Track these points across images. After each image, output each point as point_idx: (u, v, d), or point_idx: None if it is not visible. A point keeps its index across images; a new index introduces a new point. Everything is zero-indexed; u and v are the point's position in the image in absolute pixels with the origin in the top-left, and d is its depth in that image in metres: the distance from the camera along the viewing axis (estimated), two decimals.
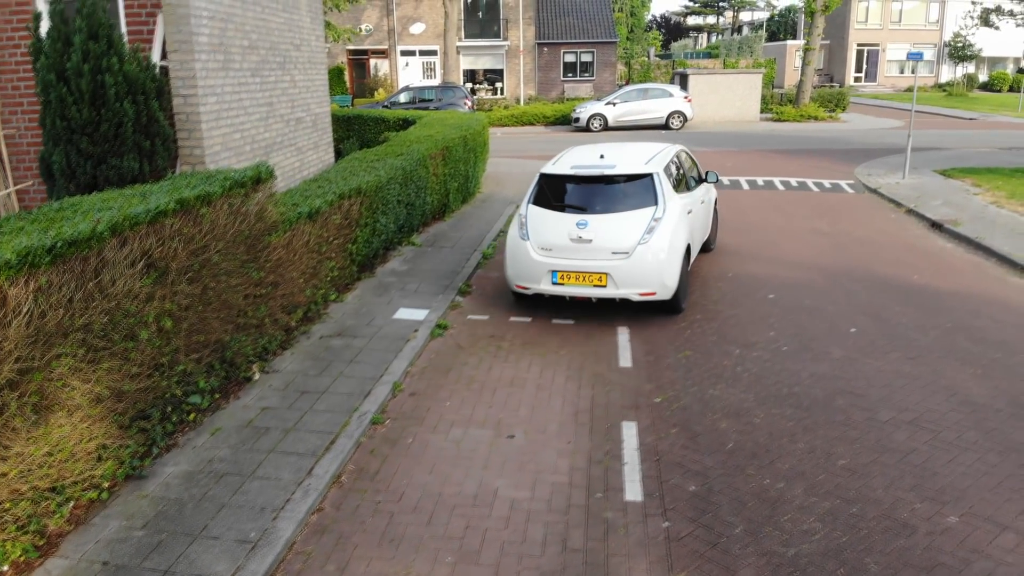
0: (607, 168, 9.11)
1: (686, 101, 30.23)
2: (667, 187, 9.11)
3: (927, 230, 13.94)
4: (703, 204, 10.74)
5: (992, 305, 9.48)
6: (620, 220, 8.70)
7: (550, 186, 9.33)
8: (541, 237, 8.91)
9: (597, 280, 8.67)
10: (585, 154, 9.96)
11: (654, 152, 9.96)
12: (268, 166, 7.22)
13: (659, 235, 8.62)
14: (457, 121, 16.69)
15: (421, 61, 41.29)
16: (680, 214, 9.08)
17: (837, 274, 10.81)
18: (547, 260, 8.80)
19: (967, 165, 20.22)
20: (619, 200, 8.92)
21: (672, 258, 8.69)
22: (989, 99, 47.69)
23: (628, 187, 8.99)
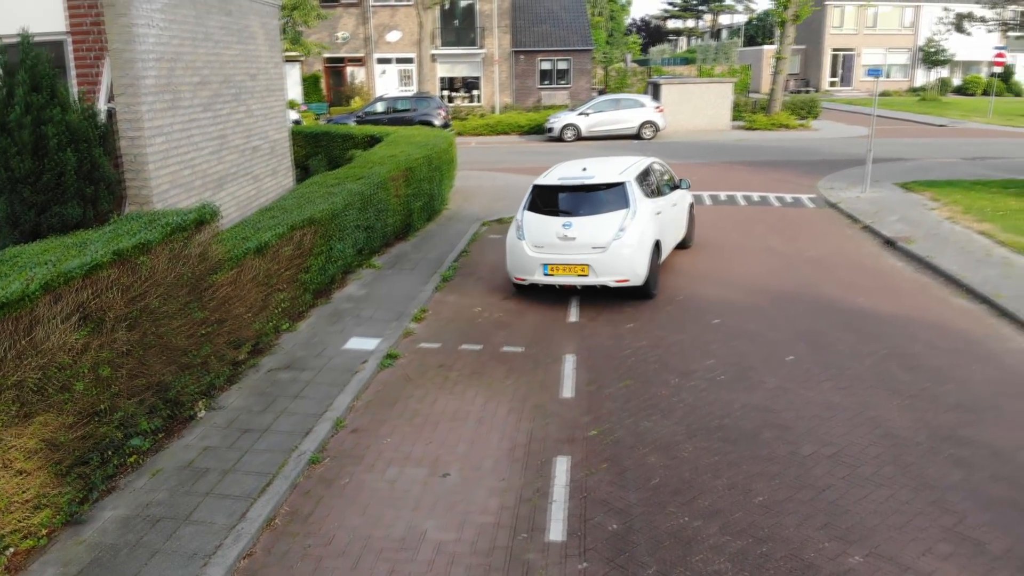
0: (587, 179, 10.97)
1: (658, 111, 30.51)
2: (638, 193, 10.85)
3: (880, 247, 14.23)
4: (675, 207, 12.47)
5: (931, 329, 9.76)
6: (598, 221, 10.52)
7: (541, 195, 11.11)
8: (534, 237, 10.71)
9: (580, 271, 10.49)
10: (570, 167, 11.77)
11: (628, 164, 11.72)
12: (212, 207, 7.37)
13: (630, 233, 10.42)
14: (424, 139, 16.86)
15: (398, 69, 41.40)
16: (649, 216, 10.86)
17: (784, 297, 11.07)
18: (539, 255, 10.64)
19: (928, 177, 20.59)
20: (597, 205, 10.72)
21: (641, 251, 10.48)
22: (962, 104, 48.30)
23: (605, 194, 10.79)
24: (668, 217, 11.90)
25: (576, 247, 10.45)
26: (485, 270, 12.82)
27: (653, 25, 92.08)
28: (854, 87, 57.34)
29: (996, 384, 8.07)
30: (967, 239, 14.28)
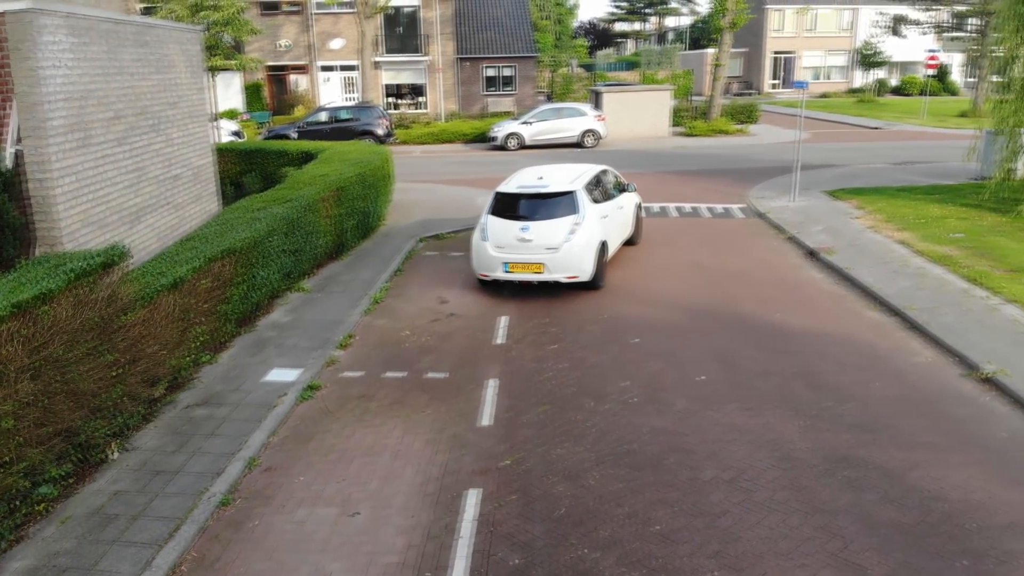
0: (543, 187, 12.42)
1: (599, 120, 30.87)
2: (586, 200, 12.33)
3: (803, 258, 14.66)
4: (621, 209, 13.98)
5: (840, 345, 10.12)
6: (551, 225, 12.00)
7: (503, 201, 12.51)
8: (496, 238, 12.14)
9: (536, 268, 11.95)
10: (528, 176, 13.20)
11: (579, 173, 13.22)
12: (120, 248, 7.36)
13: (579, 235, 11.92)
14: (358, 156, 16.87)
15: (341, 76, 41.17)
16: (596, 219, 12.38)
17: (702, 314, 11.36)
18: (500, 255, 12.07)
19: (856, 184, 21.21)
20: (551, 210, 12.17)
21: (589, 251, 12.01)
22: (898, 104, 49.63)
23: (557, 201, 12.24)
24: (614, 219, 13.42)
25: (532, 248, 11.93)
26: (417, 290, 12.91)
27: (600, 28, 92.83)
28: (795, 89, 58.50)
29: (896, 402, 8.43)
30: (886, 249, 14.78)
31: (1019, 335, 10.21)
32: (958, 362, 9.63)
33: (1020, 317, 10.87)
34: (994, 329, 10.44)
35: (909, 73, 58.81)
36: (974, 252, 14.27)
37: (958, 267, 13.28)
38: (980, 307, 11.34)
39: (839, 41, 58.36)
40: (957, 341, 10.08)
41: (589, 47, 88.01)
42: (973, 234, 15.65)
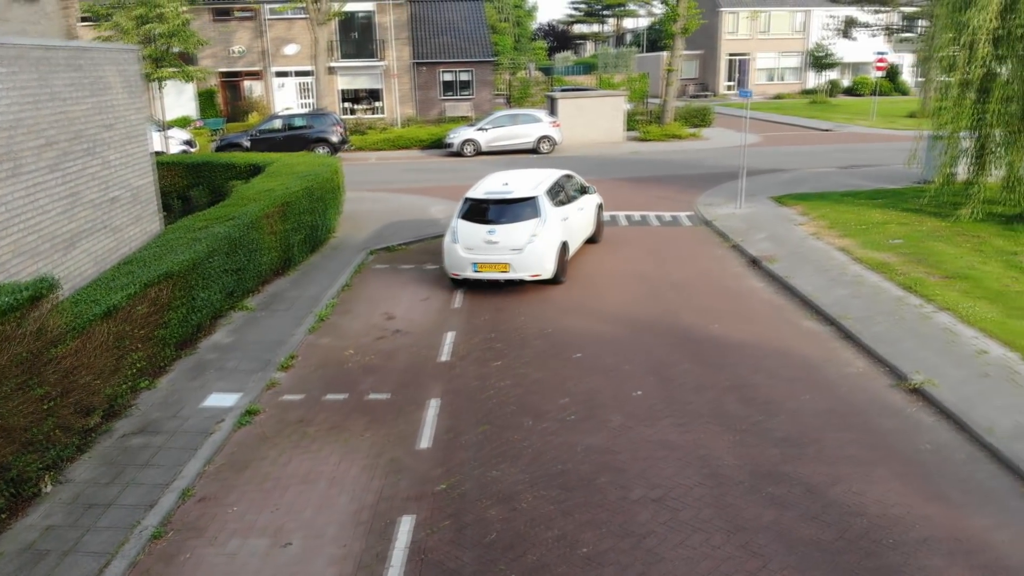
0: (507, 193, 13.51)
1: (554, 126, 31.05)
2: (547, 204, 13.48)
3: (745, 267, 14.94)
4: (582, 211, 15.11)
5: (775, 356, 10.36)
6: (516, 228, 13.08)
7: (471, 206, 13.60)
8: (466, 241, 13.18)
9: (502, 268, 13.02)
10: (495, 182, 14.34)
11: (542, 179, 14.33)
12: (49, 280, 7.30)
13: (541, 237, 13.06)
14: (307, 168, 16.79)
15: (296, 82, 40.89)
16: (557, 222, 13.50)
17: (643, 327, 11.54)
18: (470, 256, 13.11)
19: (802, 190, 21.61)
20: (515, 214, 13.26)
21: (550, 252, 13.13)
22: (849, 105, 50.59)
23: (521, 206, 13.34)
24: (575, 221, 14.53)
25: (499, 249, 13.02)
26: (364, 306, 12.93)
27: (559, 30, 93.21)
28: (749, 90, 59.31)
29: (824, 415, 8.67)
30: (827, 256, 15.12)
31: (949, 343, 10.53)
32: (888, 372, 9.93)
33: (951, 325, 11.21)
34: (925, 338, 10.75)
35: (861, 74, 59.93)
36: (912, 258, 14.66)
37: (895, 274, 13.64)
38: (913, 315, 11.67)
39: (792, 43, 59.30)
40: (888, 351, 10.38)
41: (548, 49, 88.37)
42: (912, 240, 16.07)
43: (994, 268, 14.00)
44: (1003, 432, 8.13)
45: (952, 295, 12.42)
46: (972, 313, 11.53)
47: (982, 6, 15.81)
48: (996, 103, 16.83)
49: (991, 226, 16.98)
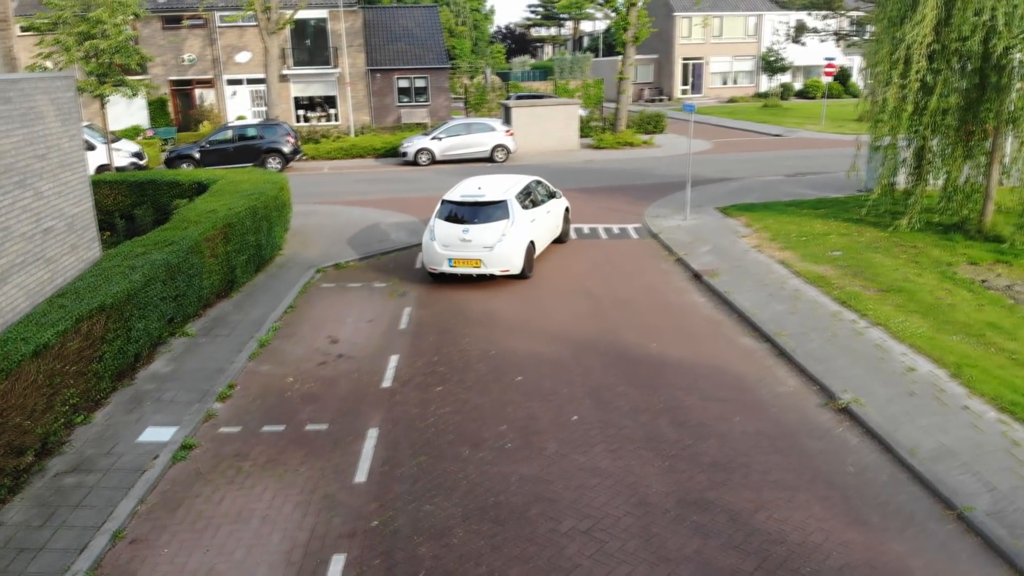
0: (480, 196, 14.97)
1: (508, 135, 31.18)
2: (516, 207, 14.94)
3: (688, 282, 15.19)
4: (549, 214, 16.60)
5: (711, 376, 10.58)
6: (487, 228, 14.53)
7: (448, 207, 15.12)
8: (442, 239, 14.62)
9: (475, 263, 14.47)
10: (470, 186, 15.74)
11: (512, 184, 15.76)
12: None
13: (510, 237, 14.52)
14: (252, 186, 16.68)
15: (249, 90, 40.51)
16: (525, 223, 15.01)
17: (585, 346, 11.70)
18: (446, 252, 14.53)
19: (748, 200, 21.98)
20: (487, 216, 14.71)
21: (518, 250, 14.61)
22: (801, 109, 51.46)
23: (493, 208, 14.81)
24: (542, 222, 16.00)
25: (472, 247, 14.44)
26: (308, 329, 12.90)
27: (517, 33, 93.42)
28: (704, 94, 60.14)
29: (753, 438, 8.88)
30: (767, 270, 15.43)
31: (879, 360, 10.84)
32: (819, 391, 10.20)
33: (883, 341, 11.54)
34: (857, 355, 11.05)
35: (812, 76, 61.03)
36: (849, 271, 15.03)
37: (832, 288, 13.98)
38: (847, 331, 11.98)
39: (745, 47, 60.18)
40: (820, 369, 10.65)
41: (506, 52, 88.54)
42: (851, 251, 16.46)
43: (929, 280, 14.42)
44: (925, 453, 8.42)
45: (886, 309, 12.78)
46: (903, 328, 11.88)
47: (917, 21, 16.24)
48: (931, 116, 17.32)
49: (929, 236, 17.47)
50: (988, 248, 16.49)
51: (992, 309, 12.87)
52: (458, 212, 14.93)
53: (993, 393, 9.64)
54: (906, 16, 16.69)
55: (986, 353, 10.97)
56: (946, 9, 16.24)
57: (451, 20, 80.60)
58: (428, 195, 24.48)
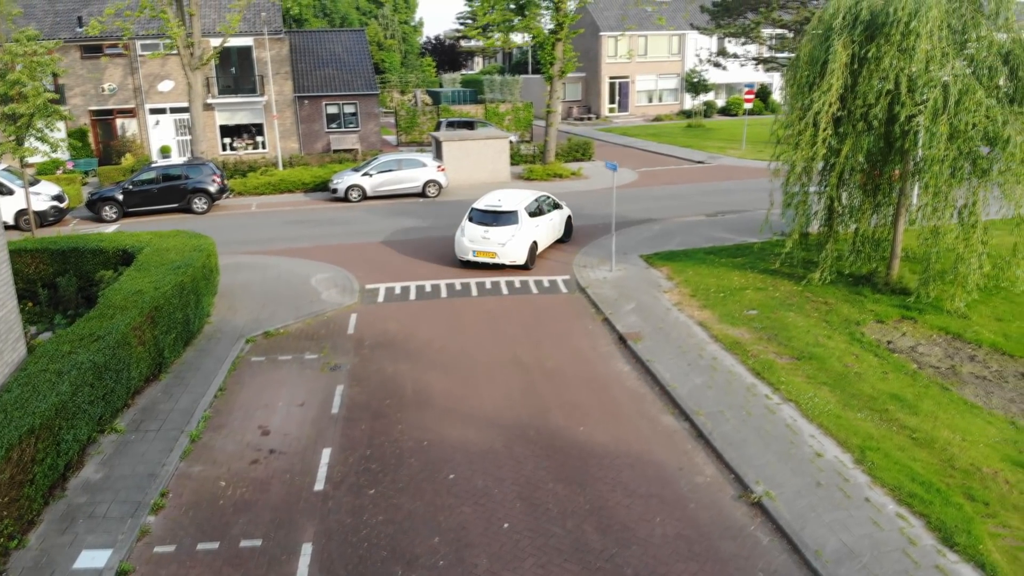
0: (498, 206, 20.61)
1: (440, 171, 31.44)
2: (524, 215, 20.50)
3: (614, 345, 15.74)
4: (551, 221, 22.06)
5: (633, 468, 11.08)
6: (501, 230, 20.19)
7: (474, 213, 20.80)
8: (469, 235, 20.40)
9: (492, 255, 20.17)
10: (492, 198, 21.31)
11: (523, 197, 21.31)
12: None
13: (517, 238, 20.12)
14: (180, 255, 16.52)
15: (173, 119, 39.72)
16: (530, 228, 20.56)
17: (515, 434, 12.07)
18: (471, 246, 20.34)
19: (670, 247, 22.72)
20: (502, 220, 20.32)
21: (523, 247, 20.21)
22: (723, 129, 52.91)
23: (506, 214, 20.35)
24: (544, 227, 21.42)
25: (490, 243, 20.15)
26: (239, 417, 12.93)
27: (447, 44, 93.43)
28: (631, 112, 61.33)
29: (673, 543, 9.40)
30: (687, 333, 16.09)
31: (790, 445, 11.52)
32: (734, 480, 10.81)
33: (793, 421, 12.24)
34: (769, 439, 11.71)
35: (735, 94, 62.83)
36: (764, 334, 15.81)
37: (747, 356, 14.70)
38: (760, 409, 12.66)
39: (670, 65, 61.60)
40: (735, 456, 11.27)
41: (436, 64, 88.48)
42: (766, 309, 17.28)
43: (838, 344, 15.28)
44: (829, 554, 9.06)
45: (797, 382, 13.53)
46: (813, 405, 12.62)
47: (824, 90, 17.16)
48: (838, 176, 18.31)
49: (840, 289, 18.44)
50: (895, 302, 17.51)
51: (896, 377, 13.76)
52: (482, 217, 20.51)
53: (894, 482, 10.39)
54: (815, 83, 17.61)
55: (888, 432, 11.78)
56: (853, 77, 17.21)
57: (380, 34, 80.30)
58: (360, 240, 24.59)
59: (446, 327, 16.89)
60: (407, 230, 26.02)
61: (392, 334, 16.55)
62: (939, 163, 16.17)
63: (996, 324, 16.24)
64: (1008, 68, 16.52)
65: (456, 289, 19.50)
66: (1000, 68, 16.42)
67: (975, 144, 16.31)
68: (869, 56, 16.68)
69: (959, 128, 15.94)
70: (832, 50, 16.91)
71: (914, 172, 17.71)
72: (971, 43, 16.84)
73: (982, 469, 10.75)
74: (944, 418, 12.24)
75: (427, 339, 16.19)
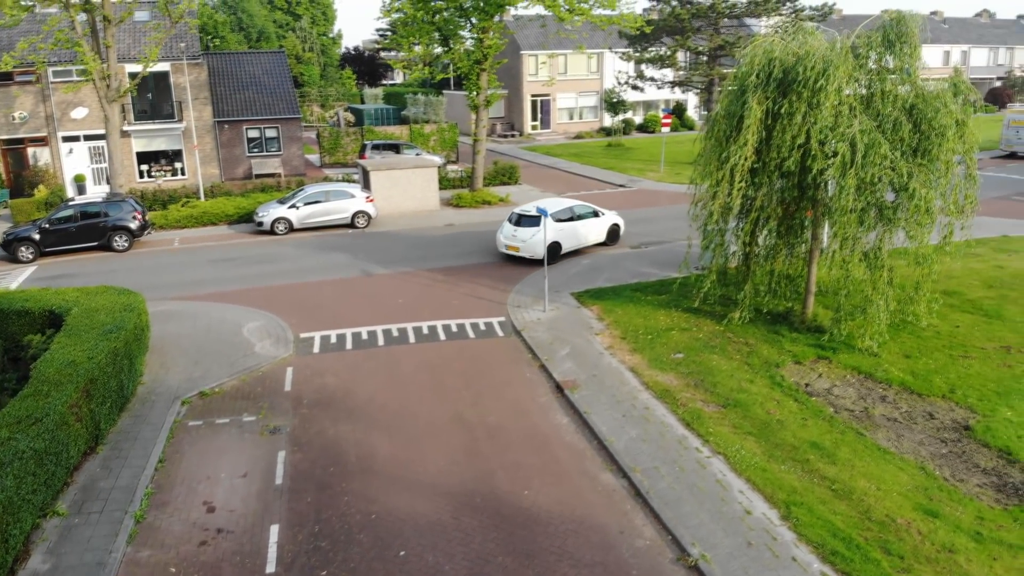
0: (527, 211, 25.51)
1: (368, 201, 31.48)
2: (549, 220, 24.22)
3: (552, 395, 16.25)
4: (585, 225, 26.51)
5: (577, 534, 11.56)
6: (527, 230, 25.20)
7: (512, 215, 25.93)
8: (505, 233, 25.83)
9: (516, 249, 25.31)
10: (529, 206, 25.88)
11: (556, 204, 26.22)
12: None
13: (537, 237, 24.63)
14: (110, 316, 16.22)
15: (87, 146, 38.53)
16: (553, 230, 24.86)
17: (463, 501, 12.39)
18: (505, 241, 25.65)
19: (598, 283, 23.40)
20: (528, 222, 25.29)
21: (542, 245, 23.67)
22: (642, 148, 54.35)
23: (532, 218, 25.12)
24: (570, 231, 25.83)
25: (516, 240, 25.39)
26: (182, 493, 12.85)
27: (367, 55, 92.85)
28: (553, 129, 62.34)
29: None
30: (620, 380, 16.72)
31: (721, 502, 12.19)
32: (672, 542, 11.40)
33: (723, 476, 12.94)
34: (703, 496, 12.37)
35: (652, 111, 64.57)
36: (691, 379, 16.57)
37: (677, 406, 15.41)
38: (692, 464, 13.34)
39: (589, 83, 62.88)
40: (671, 516, 11.89)
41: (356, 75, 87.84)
42: (692, 352, 18.08)
43: (760, 388, 16.14)
44: None
45: (724, 432, 14.29)
46: (740, 458, 13.37)
47: (740, 144, 18.04)
48: (752, 222, 19.29)
49: (759, 328, 19.40)
50: (811, 341, 18.55)
51: (815, 423, 14.66)
52: (516, 219, 25.80)
53: (817, 539, 11.17)
54: (732, 137, 18.51)
55: (810, 484, 12.60)
56: (767, 131, 18.17)
57: (298, 47, 79.29)
58: (290, 280, 24.49)
59: (386, 380, 17.10)
60: (338, 267, 26.03)
61: (331, 390, 16.66)
62: (848, 213, 17.24)
63: (904, 361, 17.39)
64: (912, 121, 17.71)
65: (393, 336, 19.70)
66: (904, 121, 17.58)
67: (881, 194, 17.46)
68: (782, 112, 17.64)
69: (866, 180, 17.03)
70: (748, 106, 17.81)
71: (824, 214, 18.79)
72: (876, 98, 17.99)
73: (896, 520, 11.64)
74: (860, 466, 13.15)
75: (367, 395, 16.36)
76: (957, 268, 23.28)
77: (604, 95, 60.46)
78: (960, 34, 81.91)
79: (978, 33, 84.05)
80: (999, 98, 76.98)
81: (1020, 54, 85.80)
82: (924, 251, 17.86)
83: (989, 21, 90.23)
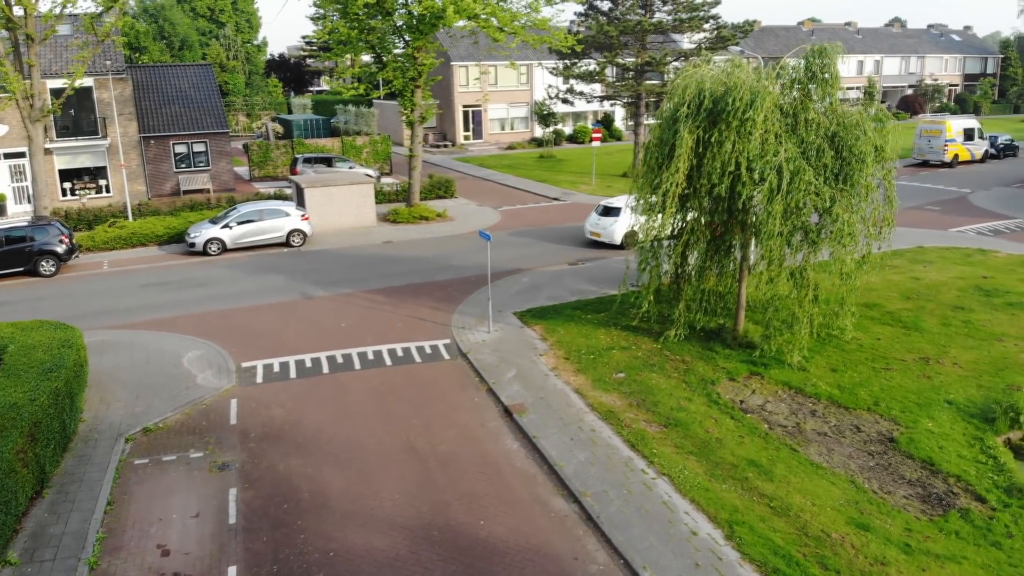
0: (611, 203, 30.85)
1: (304, 220, 31.30)
2: (626, 211, 28.86)
3: (501, 419, 16.59)
4: None
5: (534, 562, 11.92)
6: (608, 220, 30.39)
7: (599, 207, 31.25)
8: (591, 221, 31.11)
9: (598, 235, 30.46)
10: (608, 200, 31.28)
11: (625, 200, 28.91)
12: None
13: (616, 225, 29.98)
14: (49, 355, 15.81)
15: (8, 164, 37.18)
16: (628, 220, 28.88)
17: (420, 535, 12.59)
18: (590, 227, 31.01)
19: (540, 302, 23.88)
20: (609, 214, 30.52)
21: (619, 233, 29.97)
22: (573, 160, 55.25)
23: (614, 209, 30.37)
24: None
25: (599, 227, 30.30)
26: (135, 537, 12.68)
27: (292, 62, 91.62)
28: (485, 139, 62.80)
29: None
30: (566, 402, 17.20)
31: (668, 524, 12.74)
32: (624, 566, 11.88)
33: (669, 497, 13.50)
34: (651, 518, 12.89)
35: (581, 122, 65.65)
36: (634, 399, 17.15)
37: (621, 427, 15.95)
38: (639, 486, 13.87)
39: (519, 95, 63.58)
40: (622, 540, 12.37)
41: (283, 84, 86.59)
42: (632, 371, 18.68)
43: (699, 407, 16.82)
44: None
45: (668, 453, 14.88)
46: (684, 479, 13.97)
47: (672, 172, 18.75)
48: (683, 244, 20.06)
49: (694, 346, 20.15)
50: (743, 357, 19.36)
51: (751, 441, 15.38)
52: (601, 210, 30.59)
53: (760, 557, 11.80)
54: (664, 164, 19.21)
55: (751, 502, 13.27)
56: (698, 159, 18.93)
57: (222, 55, 77.77)
58: (227, 305, 24.23)
59: (333, 410, 17.17)
60: (276, 289, 25.86)
61: (278, 423, 16.65)
62: (775, 237, 18.12)
63: (831, 375, 18.35)
64: (834, 148, 18.71)
65: (338, 362, 19.76)
66: (827, 148, 18.57)
67: (807, 218, 18.41)
68: (712, 140, 18.41)
69: (792, 205, 17.94)
70: (679, 136, 18.52)
71: (753, 234, 19.66)
72: (800, 126, 18.94)
73: (831, 535, 12.38)
74: (795, 482, 13.91)
75: (316, 427, 16.42)
76: (876, 281, 24.56)
77: (535, 107, 61.22)
78: (873, 44, 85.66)
79: (890, 43, 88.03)
80: (911, 105, 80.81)
81: (931, 63, 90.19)
82: (847, 269, 18.88)
83: (901, 31, 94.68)
